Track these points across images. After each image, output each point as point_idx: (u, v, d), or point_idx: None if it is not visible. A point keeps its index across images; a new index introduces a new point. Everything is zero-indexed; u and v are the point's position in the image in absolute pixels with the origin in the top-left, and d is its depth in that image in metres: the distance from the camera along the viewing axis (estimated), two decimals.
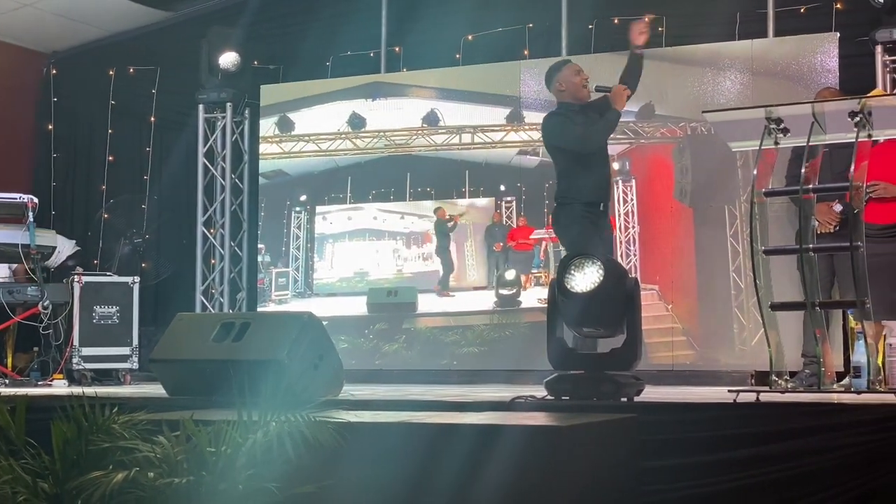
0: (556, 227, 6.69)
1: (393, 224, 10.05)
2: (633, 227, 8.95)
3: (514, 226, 9.54)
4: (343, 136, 10.04)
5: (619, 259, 8.32)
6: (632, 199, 8.99)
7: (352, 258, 10.08)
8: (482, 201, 9.66)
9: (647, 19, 6.66)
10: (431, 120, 9.73)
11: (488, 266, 9.67)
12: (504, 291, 9.46)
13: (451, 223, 9.68)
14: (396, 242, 9.96)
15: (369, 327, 9.63)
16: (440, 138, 9.77)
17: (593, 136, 6.50)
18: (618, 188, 8.96)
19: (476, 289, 9.72)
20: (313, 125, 10.17)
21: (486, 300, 9.50)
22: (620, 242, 8.75)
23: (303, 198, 10.24)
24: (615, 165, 9.00)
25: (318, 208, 10.16)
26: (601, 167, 6.59)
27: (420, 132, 9.76)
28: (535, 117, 9.12)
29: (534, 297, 9.34)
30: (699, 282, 8.48)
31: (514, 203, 9.52)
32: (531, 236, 9.38)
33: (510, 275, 9.47)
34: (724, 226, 8.42)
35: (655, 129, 8.73)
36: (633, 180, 9.00)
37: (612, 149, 7.71)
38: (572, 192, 6.59)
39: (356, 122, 10.04)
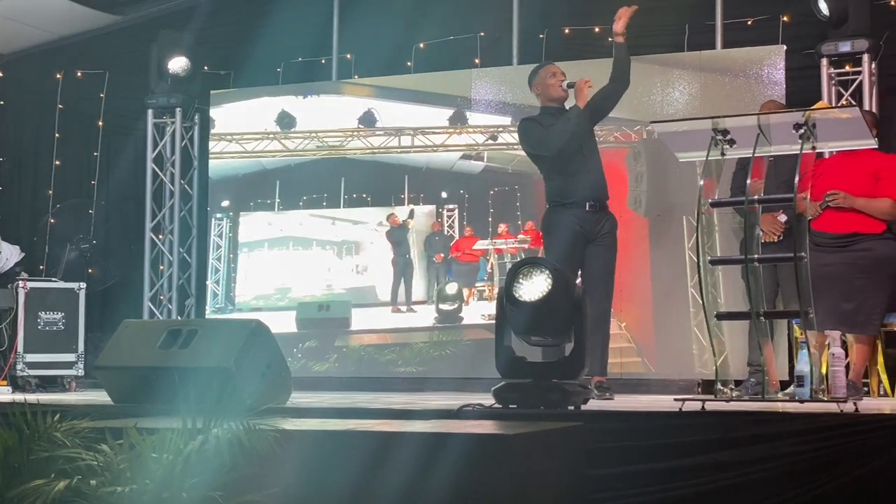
0: (542, 230, 6.88)
1: (323, 232, 9.45)
2: None
3: (456, 235, 9.12)
4: (271, 136, 9.57)
5: None
6: None
7: (276, 270, 9.54)
8: (423, 209, 9.23)
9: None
10: (368, 120, 9.30)
11: (428, 279, 9.22)
12: (444, 306, 9.01)
13: (405, 229, 9.24)
14: (326, 252, 9.44)
15: (298, 345, 9.12)
16: (377, 140, 9.30)
17: (551, 138, 6.53)
18: None
19: (415, 303, 9.25)
20: (237, 123, 9.70)
21: (425, 315, 9.08)
22: None
23: (225, 203, 9.77)
24: None
25: (242, 215, 9.71)
26: (583, 164, 6.61)
27: (356, 133, 9.34)
28: (480, 119, 8.95)
29: (477, 312, 8.94)
30: (655, 298, 8.15)
31: (456, 211, 9.12)
32: (475, 247, 9.02)
33: (451, 289, 9.04)
34: (682, 238, 8.12)
35: (608, 132, 8.46)
36: None
37: None
38: (553, 195, 6.70)
39: (285, 121, 9.55)
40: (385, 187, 9.32)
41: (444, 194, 9.20)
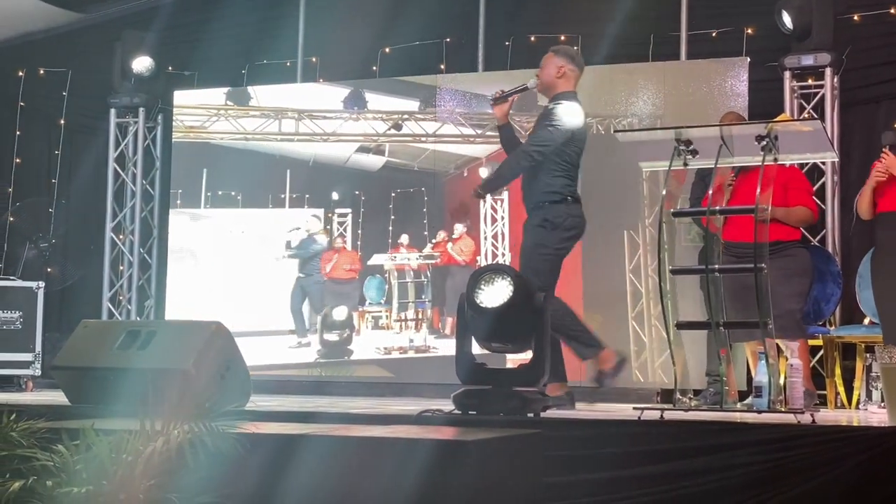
0: (567, 227, 6.30)
1: (173, 238, 8.03)
2: (504, 254, 7.67)
3: (347, 247, 7.65)
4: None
5: None
6: (503, 219, 7.67)
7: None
8: (308, 213, 7.74)
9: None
10: (240, 98, 7.95)
11: (311, 304, 7.82)
12: (330, 337, 7.66)
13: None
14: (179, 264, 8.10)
15: None
16: (251, 123, 7.91)
17: None
18: (485, 204, 7.59)
19: (293, 332, 7.80)
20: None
21: (306, 347, 7.75)
22: None
23: None
24: (482, 172, 7.66)
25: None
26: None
27: (223, 113, 8.09)
28: (381, 103, 7.82)
29: (370, 344, 7.55)
30: (587, 311, 7.40)
31: (349, 216, 7.69)
32: (370, 262, 7.70)
33: (339, 314, 7.64)
34: (621, 257, 7.64)
35: None
36: (506, 194, 7.67)
37: (483, 150, 6.73)
38: (562, 189, 6.29)
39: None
40: (260, 183, 8.04)
41: (335, 195, 7.97)
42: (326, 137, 7.79)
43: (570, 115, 6.20)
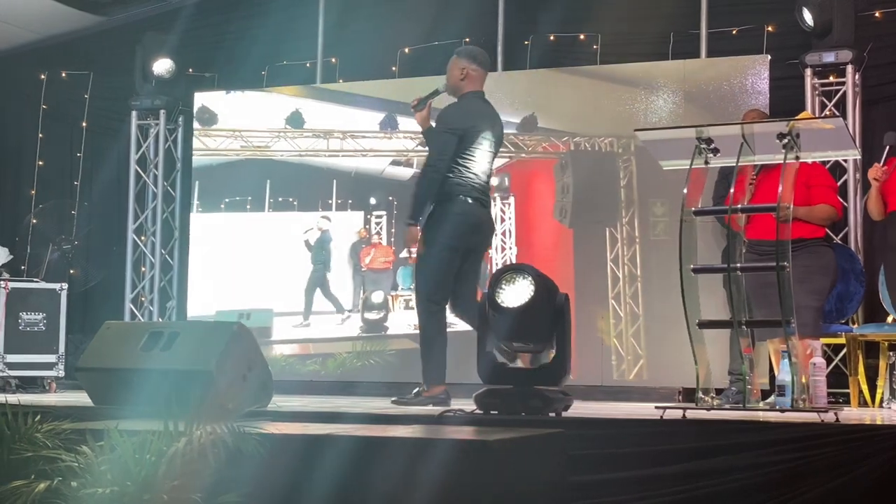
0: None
1: (245, 236, 9.19)
2: (511, 248, 8.59)
3: (382, 243, 8.93)
4: (196, 132, 9.48)
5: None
6: (510, 218, 8.64)
7: (194, 277, 9.40)
8: (351, 215, 9.04)
9: None
10: (295, 121, 9.11)
11: (354, 287, 9.05)
12: (370, 316, 8.87)
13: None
14: (247, 258, 9.22)
15: None
16: (305, 142, 9.11)
17: None
18: (496, 205, 8.38)
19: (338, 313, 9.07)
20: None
21: (350, 325, 8.95)
22: (497, 264, 8.42)
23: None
24: (494, 181, 8.46)
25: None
26: None
27: (282, 134, 9.18)
28: (410, 124, 8.67)
29: (403, 321, 8.75)
30: (577, 308, 7.73)
31: (384, 218, 8.94)
32: (403, 255, 8.75)
33: (377, 297, 8.86)
34: (604, 249, 8.31)
35: (537, 143, 8.57)
36: (512, 198, 8.67)
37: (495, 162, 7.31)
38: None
39: (206, 117, 9.40)
40: (312, 191, 9.16)
41: (372, 200, 9.05)
42: (366, 153, 9.05)
43: (460, 117, 6.39)
